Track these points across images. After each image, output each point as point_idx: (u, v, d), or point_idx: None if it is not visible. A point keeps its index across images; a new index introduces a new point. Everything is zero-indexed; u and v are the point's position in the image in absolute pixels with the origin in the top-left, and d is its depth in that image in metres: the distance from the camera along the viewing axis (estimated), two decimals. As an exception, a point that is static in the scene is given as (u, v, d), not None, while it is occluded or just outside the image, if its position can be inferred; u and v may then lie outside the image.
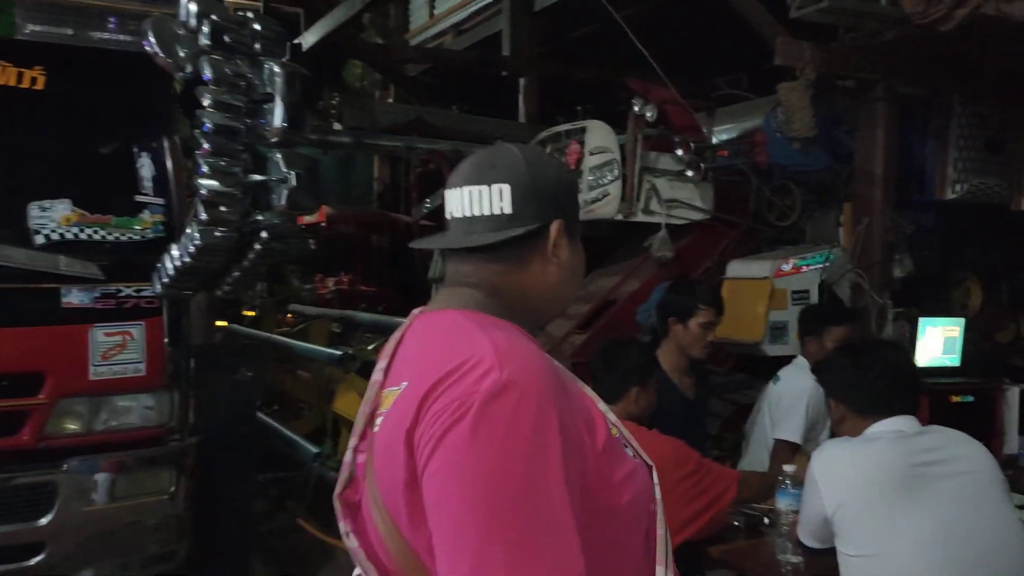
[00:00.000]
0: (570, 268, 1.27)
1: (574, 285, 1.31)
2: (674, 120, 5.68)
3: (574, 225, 1.28)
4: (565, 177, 1.32)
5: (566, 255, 1.26)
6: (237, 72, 3.29)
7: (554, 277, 1.26)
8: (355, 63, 9.97)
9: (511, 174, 1.23)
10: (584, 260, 1.32)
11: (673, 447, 2.59)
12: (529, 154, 1.27)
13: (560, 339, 5.73)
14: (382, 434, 1.16)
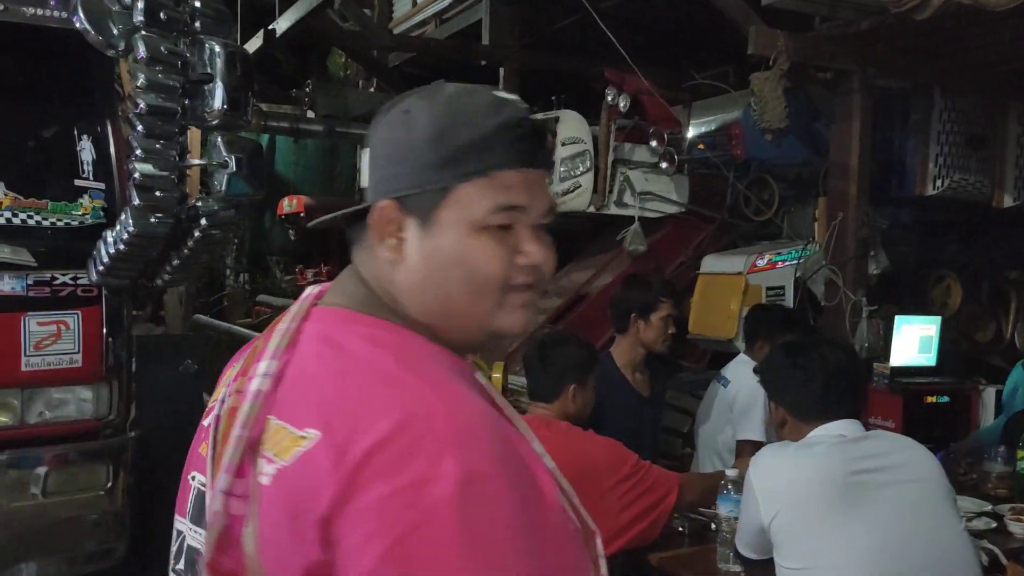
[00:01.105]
0: (431, 262, 0.94)
1: (447, 287, 0.95)
2: (649, 111, 5.56)
3: (433, 208, 0.94)
4: (409, 134, 0.94)
5: (417, 247, 0.94)
6: (173, 51, 3.14)
7: (408, 275, 0.96)
8: (338, 52, 9.82)
9: (371, 136, 1.00)
10: (491, 263, 0.93)
11: (607, 449, 2.46)
12: (395, 109, 0.98)
13: (530, 334, 5.62)
14: (275, 497, 0.87)
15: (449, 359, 0.96)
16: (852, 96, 4.77)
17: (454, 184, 0.93)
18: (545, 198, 0.97)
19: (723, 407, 3.70)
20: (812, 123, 5.43)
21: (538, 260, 0.95)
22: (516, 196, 0.93)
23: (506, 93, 0.98)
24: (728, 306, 5.16)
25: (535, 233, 0.96)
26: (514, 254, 0.95)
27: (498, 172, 0.93)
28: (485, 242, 0.93)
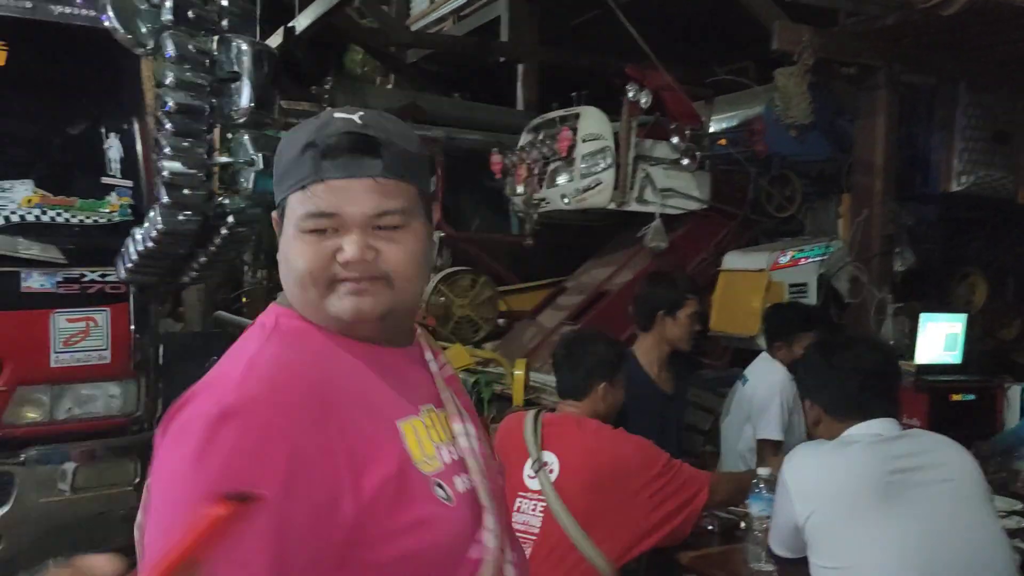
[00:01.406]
0: (280, 259, 1.11)
1: (290, 283, 1.09)
2: (671, 107, 5.54)
3: (280, 217, 1.11)
4: (280, 155, 1.13)
5: (280, 246, 1.11)
6: (201, 49, 3.16)
7: (281, 265, 1.12)
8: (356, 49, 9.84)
9: None
10: (301, 260, 1.07)
11: (638, 448, 2.45)
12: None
13: (551, 330, 5.62)
14: None
15: (313, 338, 1.09)
16: (877, 92, 4.74)
17: (285, 197, 1.09)
18: (369, 202, 1.06)
19: (742, 405, 3.69)
20: (836, 119, 5.40)
21: (348, 256, 1.05)
22: (322, 204, 1.05)
23: (344, 114, 1.10)
24: (750, 303, 5.14)
25: (359, 235, 1.06)
26: (334, 251, 1.06)
27: (309, 184, 1.06)
28: (302, 243, 1.07)
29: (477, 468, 1.08)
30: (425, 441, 1.06)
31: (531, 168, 5.80)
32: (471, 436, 1.11)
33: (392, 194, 1.07)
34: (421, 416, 1.08)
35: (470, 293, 6.13)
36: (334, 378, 1.04)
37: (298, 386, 1.00)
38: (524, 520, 2.45)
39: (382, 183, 1.06)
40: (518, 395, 4.39)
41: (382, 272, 1.07)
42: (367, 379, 1.07)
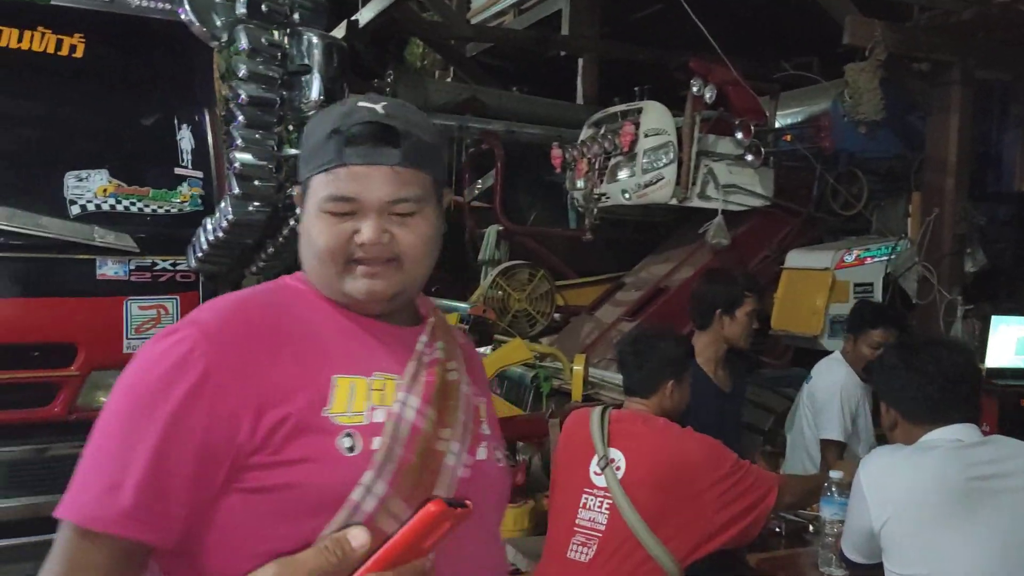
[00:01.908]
0: (302, 234, 1.20)
1: (309, 257, 1.18)
2: (735, 102, 5.46)
3: (304, 194, 1.19)
4: (307, 136, 1.21)
5: (302, 222, 1.20)
6: (273, 42, 3.20)
7: (300, 240, 1.21)
8: (416, 42, 9.88)
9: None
10: (321, 238, 1.16)
11: (706, 447, 2.42)
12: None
13: (608, 326, 5.59)
14: None
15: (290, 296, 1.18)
16: (950, 88, 4.61)
17: (309, 176, 1.17)
18: (387, 189, 1.14)
19: (804, 403, 3.64)
20: (906, 115, 5.27)
21: (365, 239, 1.13)
22: (343, 188, 1.13)
23: (368, 103, 1.17)
24: (814, 302, 5.05)
25: (376, 219, 1.14)
26: (352, 233, 1.14)
27: (333, 168, 1.14)
28: (323, 223, 1.15)
29: (391, 432, 1.09)
30: (359, 398, 1.10)
31: (592, 163, 5.77)
32: (408, 406, 1.12)
33: (408, 182, 1.15)
34: (371, 379, 1.13)
35: (527, 287, 6.12)
36: (293, 327, 1.13)
37: (240, 321, 1.10)
38: (590, 516, 2.44)
39: (400, 171, 1.14)
40: (577, 390, 4.38)
41: (394, 254, 1.15)
42: (333, 337, 1.15)
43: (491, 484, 1.22)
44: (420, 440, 1.10)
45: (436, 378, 1.17)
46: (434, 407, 1.14)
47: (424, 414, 1.12)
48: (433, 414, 1.13)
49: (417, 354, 1.18)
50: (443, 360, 1.20)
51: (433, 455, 1.11)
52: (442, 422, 1.14)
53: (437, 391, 1.16)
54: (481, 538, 1.19)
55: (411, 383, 1.14)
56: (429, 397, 1.14)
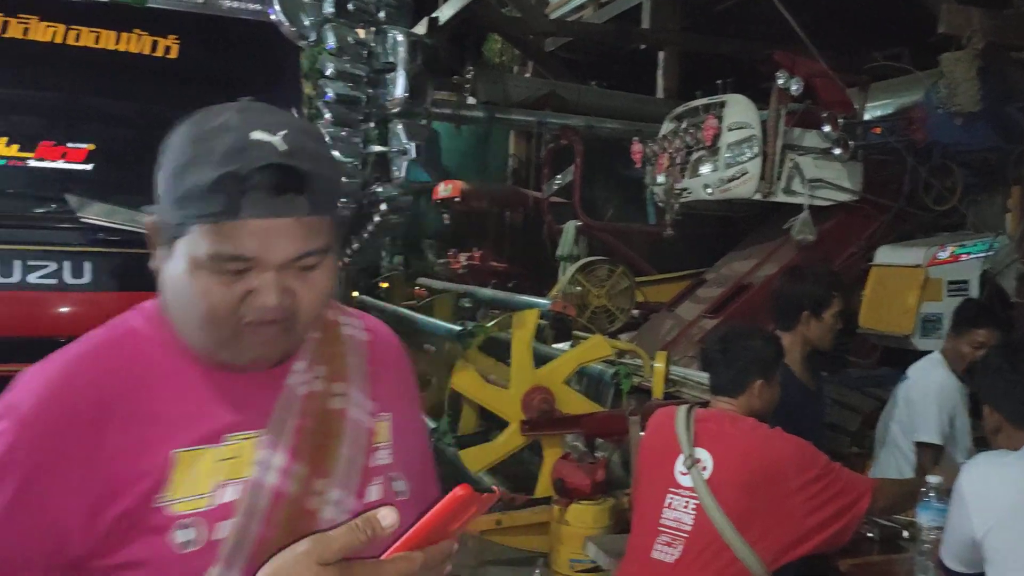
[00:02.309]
0: (169, 284, 0.96)
1: (183, 317, 0.97)
2: (822, 95, 5.33)
3: (173, 238, 0.94)
4: (168, 161, 0.94)
5: (165, 267, 0.96)
6: (359, 41, 3.24)
7: (163, 289, 0.99)
8: (495, 38, 9.92)
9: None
10: (205, 301, 0.94)
11: (796, 448, 2.36)
12: (182, 124, 0.96)
13: (689, 323, 5.52)
14: None
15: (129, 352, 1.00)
16: (1054, 77, 4.41)
17: (185, 223, 0.93)
18: (291, 244, 0.94)
19: (899, 404, 3.51)
20: (1005, 106, 5.06)
21: (265, 303, 0.94)
22: (240, 248, 0.92)
23: (264, 135, 0.91)
24: (905, 300, 4.89)
25: (274, 277, 0.94)
26: (247, 294, 0.94)
27: (226, 223, 0.91)
28: (210, 281, 0.93)
29: (245, 509, 0.95)
30: (203, 477, 0.95)
31: (673, 157, 5.71)
32: (271, 468, 0.97)
33: (314, 233, 0.95)
34: (220, 446, 0.96)
35: (607, 283, 6.09)
36: (128, 395, 0.96)
37: (63, 402, 0.94)
38: (675, 517, 2.41)
39: (306, 222, 0.94)
40: (658, 388, 4.33)
41: (291, 313, 0.96)
42: (178, 400, 0.98)
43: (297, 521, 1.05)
44: (284, 507, 0.96)
45: (311, 418, 1.01)
46: (306, 459, 0.99)
47: (290, 472, 0.97)
48: (303, 469, 0.98)
49: (287, 392, 1.01)
50: (323, 390, 1.04)
51: (303, 517, 0.96)
52: (317, 471, 0.99)
53: (311, 435, 1.00)
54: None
55: (277, 435, 0.98)
56: (298, 448, 0.99)
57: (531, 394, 4.26)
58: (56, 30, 3.42)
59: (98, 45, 3.46)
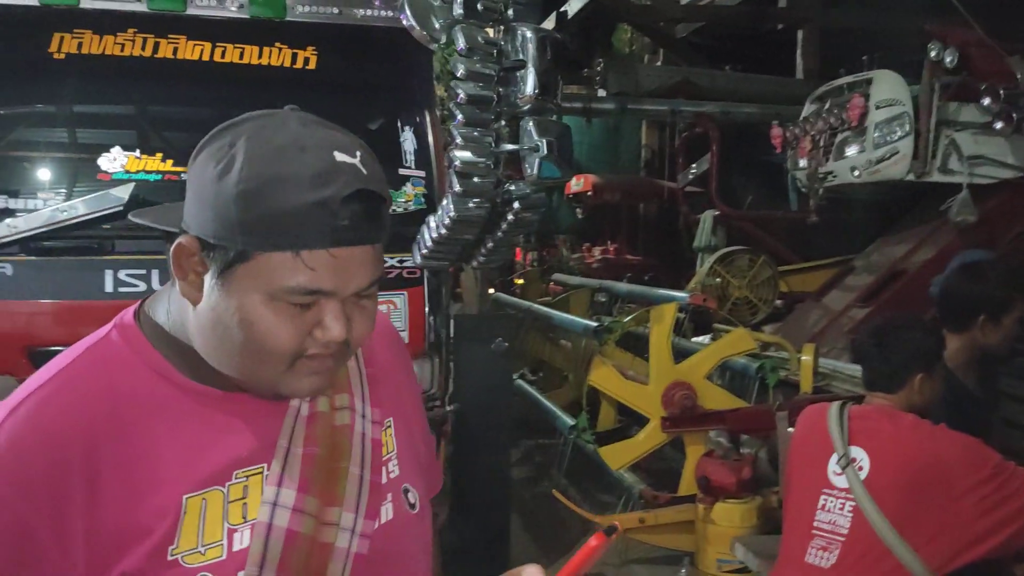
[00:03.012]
0: (213, 315, 0.89)
1: (226, 345, 0.89)
2: (979, 66, 4.97)
3: (232, 264, 0.86)
4: (224, 177, 0.85)
5: (211, 294, 0.88)
6: (489, 40, 3.24)
7: (198, 317, 0.91)
8: (623, 28, 9.79)
9: (194, 156, 0.91)
10: (277, 336, 0.88)
11: (964, 447, 2.19)
12: (223, 138, 0.88)
13: (838, 313, 5.28)
14: None
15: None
16: None
17: (255, 251, 0.85)
18: (365, 274, 0.89)
19: None
20: None
21: (335, 337, 0.88)
22: (320, 280, 0.86)
23: (346, 156, 0.86)
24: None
25: (341, 308, 0.89)
26: (313, 327, 0.89)
27: (306, 251, 0.85)
28: (278, 315, 0.87)
29: (257, 558, 0.89)
30: (213, 523, 0.89)
31: (816, 140, 5.47)
32: (280, 507, 0.91)
33: (379, 261, 0.92)
34: (228, 487, 0.91)
35: (748, 274, 5.91)
36: (126, 435, 0.88)
37: (54, 447, 0.86)
38: (831, 519, 2.29)
39: (377, 249, 0.90)
40: (806, 382, 4.16)
41: (347, 343, 0.92)
42: (175, 437, 0.90)
43: (401, 541, 1.02)
44: (299, 546, 0.91)
45: (317, 443, 0.96)
46: (316, 489, 0.94)
47: (302, 509, 0.92)
48: (314, 502, 0.93)
49: (291, 415, 0.96)
50: (327, 409, 0.99)
51: (317, 552, 0.92)
52: (328, 499, 0.95)
53: (319, 461, 0.95)
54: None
55: (283, 468, 0.93)
56: (308, 479, 0.93)
57: (672, 389, 4.18)
58: (203, 48, 3.58)
59: (243, 61, 3.60)
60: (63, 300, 3.28)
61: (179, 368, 0.93)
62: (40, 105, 3.69)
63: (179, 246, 0.89)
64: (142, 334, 0.95)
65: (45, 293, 3.29)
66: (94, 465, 0.86)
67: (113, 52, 3.46)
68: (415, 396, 1.19)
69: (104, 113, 3.90)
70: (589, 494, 5.08)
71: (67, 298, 3.27)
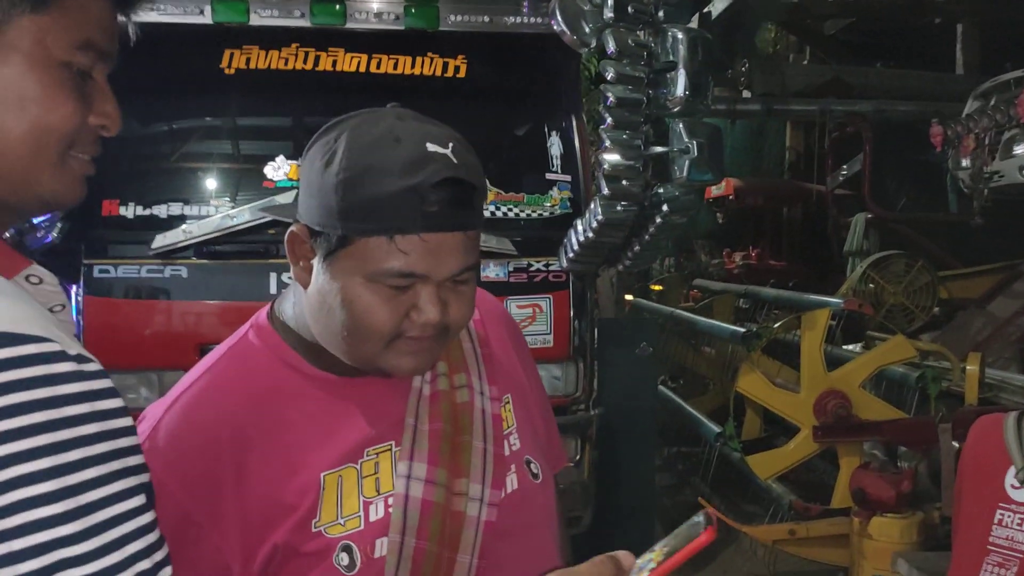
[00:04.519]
0: (319, 297, 0.96)
1: (331, 324, 0.96)
2: None
3: (334, 250, 0.93)
4: (329, 169, 0.92)
5: (317, 278, 0.96)
6: (639, 42, 3.23)
7: (309, 300, 0.99)
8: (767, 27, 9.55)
9: (307, 149, 0.99)
10: (375, 316, 0.94)
11: None
12: (330, 133, 0.96)
13: (1005, 321, 4.97)
14: None
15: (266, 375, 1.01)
16: None
17: (354, 236, 0.92)
18: (458, 259, 0.94)
19: None
20: None
21: (430, 319, 0.94)
22: (414, 263, 0.92)
23: (438, 147, 0.91)
24: None
25: (436, 292, 0.94)
26: (409, 309, 0.94)
27: (399, 236, 0.91)
28: (376, 296, 0.93)
29: (398, 526, 0.95)
30: (350, 496, 0.96)
31: (980, 138, 5.19)
32: (414, 479, 0.97)
33: (473, 247, 0.97)
34: (360, 464, 0.98)
35: (904, 279, 5.65)
36: (267, 424, 0.97)
37: (208, 436, 0.95)
38: (1008, 535, 2.16)
39: (470, 235, 0.95)
40: (971, 393, 3.93)
41: (445, 326, 0.97)
42: (310, 420, 0.99)
43: (528, 509, 1.06)
44: (434, 515, 0.97)
45: (443, 421, 1.02)
46: (445, 462, 1.00)
47: (434, 480, 0.98)
48: (444, 474, 0.99)
49: (414, 395, 1.03)
50: (448, 388, 1.05)
51: (451, 521, 0.98)
52: (457, 471, 1.00)
53: (445, 436, 1.01)
54: (535, 564, 1.02)
55: (413, 444, 0.99)
56: (437, 452, 1.00)
57: (825, 398, 4.03)
58: (360, 59, 3.73)
59: (397, 71, 3.73)
60: (232, 301, 3.49)
61: (307, 359, 1.02)
62: (210, 118, 3.93)
63: (291, 234, 0.99)
64: (274, 331, 1.04)
65: (216, 295, 3.49)
66: (241, 452, 0.95)
67: (278, 66, 3.65)
68: (532, 374, 1.23)
69: (269, 124, 4.12)
70: (733, 504, 4.97)
71: (235, 299, 3.47)
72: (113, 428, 0.69)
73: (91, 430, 0.66)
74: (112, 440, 0.68)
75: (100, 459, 0.67)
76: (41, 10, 0.72)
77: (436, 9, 3.61)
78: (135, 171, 3.56)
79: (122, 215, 3.43)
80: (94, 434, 0.67)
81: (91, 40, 0.75)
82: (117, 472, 0.68)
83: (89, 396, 0.67)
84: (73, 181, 0.78)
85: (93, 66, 0.76)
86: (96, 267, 3.36)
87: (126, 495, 0.68)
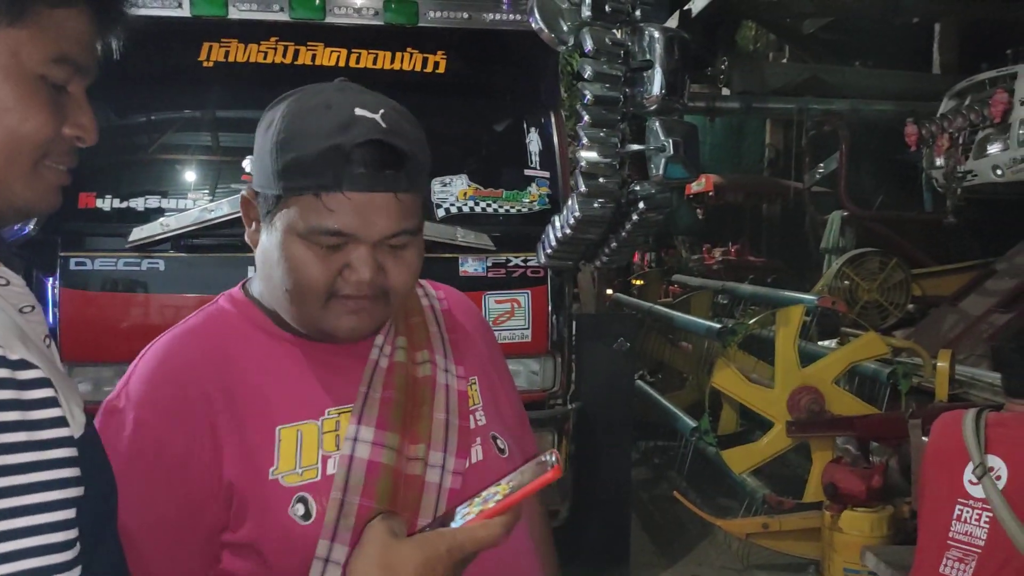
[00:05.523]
0: (263, 255, 1.03)
1: (273, 282, 1.02)
2: None
3: (272, 210, 1.00)
4: (270, 135, 0.99)
5: (262, 236, 1.03)
6: (616, 41, 3.26)
7: (258, 259, 1.06)
8: (748, 25, 9.61)
9: (259, 122, 1.05)
10: (304, 272, 0.99)
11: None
12: (278, 106, 1.02)
13: (976, 318, 5.04)
14: None
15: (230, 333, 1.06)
16: None
17: (286, 195, 0.98)
18: (389, 221, 0.98)
19: None
20: None
21: (362, 278, 0.98)
22: (340, 221, 0.96)
23: (367, 112, 0.96)
24: None
25: (370, 253, 0.98)
26: (343, 268, 0.98)
27: (324, 194, 0.95)
28: (309, 252, 0.98)
29: (341, 483, 0.97)
30: (309, 450, 0.99)
31: (955, 137, 5.25)
32: (360, 441, 1.00)
33: (408, 211, 1.00)
34: (322, 420, 1.02)
35: (878, 276, 5.71)
36: (234, 375, 1.02)
37: (176, 382, 1.01)
38: (966, 531, 2.22)
39: (401, 199, 0.98)
40: (941, 389, 4.00)
41: (383, 290, 1.01)
42: (276, 379, 1.03)
43: (493, 481, 1.05)
44: (382, 477, 0.98)
45: (395, 390, 1.05)
46: (396, 427, 1.02)
47: (382, 443, 1.00)
48: (394, 438, 1.01)
49: (370, 366, 1.06)
50: (406, 361, 1.08)
51: (406, 484, 1.00)
52: (411, 437, 1.03)
53: (398, 404, 1.04)
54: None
55: (363, 409, 1.02)
56: (386, 418, 1.02)
57: (798, 394, 4.09)
58: (339, 54, 3.73)
59: (376, 66, 3.73)
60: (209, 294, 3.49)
61: (275, 324, 1.07)
62: (189, 111, 3.92)
63: (242, 198, 1.07)
64: (247, 300, 1.10)
65: (193, 288, 3.48)
66: (209, 398, 1.00)
67: (257, 60, 3.65)
68: (501, 368, 1.26)
69: (247, 118, 4.11)
70: (708, 497, 5.02)
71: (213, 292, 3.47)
72: (43, 439, 0.68)
73: (17, 439, 0.66)
74: (40, 451, 0.68)
75: (21, 468, 0.66)
76: (18, 24, 0.74)
77: (415, 5, 3.62)
78: (112, 164, 3.54)
79: (99, 207, 3.41)
80: (21, 443, 0.66)
81: (67, 55, 0.77)
82: (40, 484, 0.67)
83: (20, 405, 0.67)
84: (47, 190, 0.80)
85: (70, 79, 0.79)
86: (72, 260, 3.34)
87: (43, 508, 0.67)
